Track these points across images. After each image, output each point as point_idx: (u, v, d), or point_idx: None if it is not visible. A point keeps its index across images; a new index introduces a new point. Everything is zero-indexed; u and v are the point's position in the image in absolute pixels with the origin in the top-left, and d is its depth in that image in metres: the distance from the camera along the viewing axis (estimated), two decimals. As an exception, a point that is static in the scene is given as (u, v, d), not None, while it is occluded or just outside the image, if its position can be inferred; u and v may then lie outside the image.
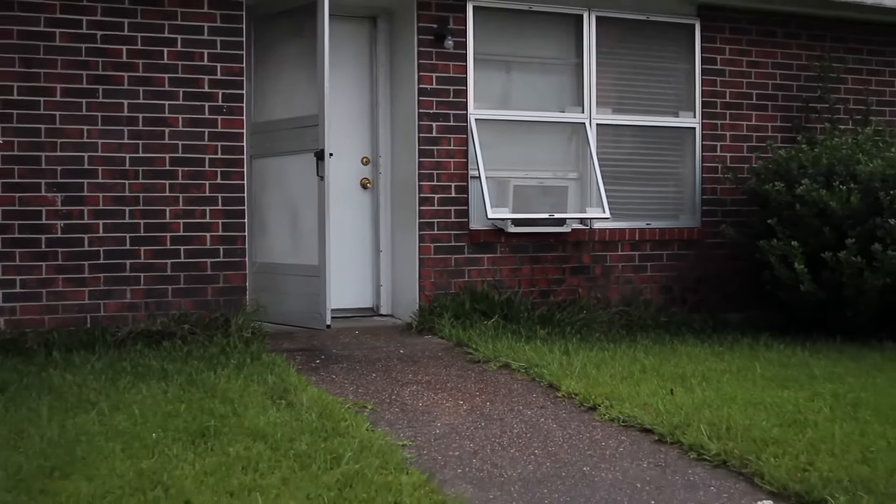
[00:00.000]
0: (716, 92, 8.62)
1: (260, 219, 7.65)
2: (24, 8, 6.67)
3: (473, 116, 7.78)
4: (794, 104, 8.86)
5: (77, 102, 6.78)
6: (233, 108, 7.16)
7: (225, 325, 6.91)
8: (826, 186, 7.42)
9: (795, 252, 7.40)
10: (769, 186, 7.69)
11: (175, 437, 4.35)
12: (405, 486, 3.79)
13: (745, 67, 8.73)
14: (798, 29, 8.90)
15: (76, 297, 6.79)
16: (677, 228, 8.51)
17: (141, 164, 6.92)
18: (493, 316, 7.49)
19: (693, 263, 8.52)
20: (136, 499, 3.58)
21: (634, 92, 8.49)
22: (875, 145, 7.80)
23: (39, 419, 4.61)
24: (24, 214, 6.68)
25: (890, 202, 7.18)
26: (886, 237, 7.17)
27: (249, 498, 3.60)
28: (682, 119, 8.58)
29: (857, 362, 6.64)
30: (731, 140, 8.66)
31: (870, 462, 4.22)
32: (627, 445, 4.65)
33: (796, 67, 8.89)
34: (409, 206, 7.82)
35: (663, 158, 8.63)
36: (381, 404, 5.30)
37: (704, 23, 8.58)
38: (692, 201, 8.62)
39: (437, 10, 7.71)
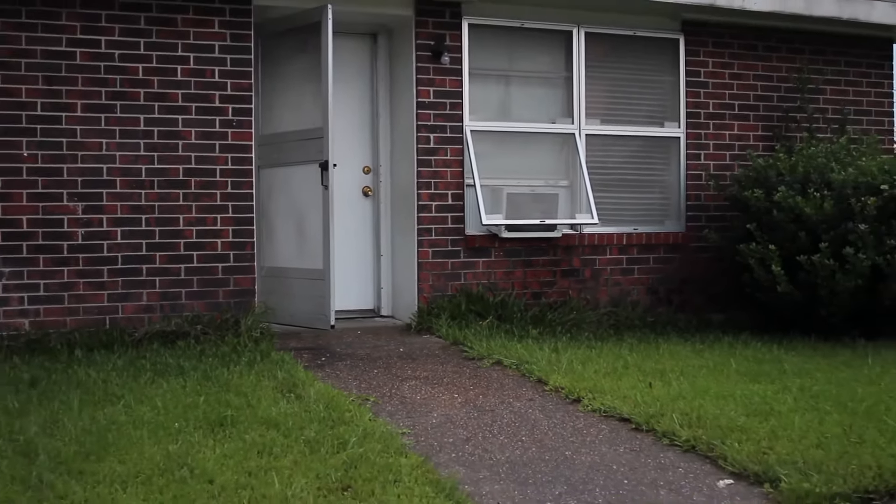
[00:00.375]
0: (699, 103, 9.09)
1: (268, 225, 8.12)
2: (47, 29, 7.14)
3: (469, 128, 8.25)
4: (774, 114, 9.33)
5: (96, 117, 7.25)
6: (242, 121, 7.63)
7: (235, 325, 7.37)
8: (801, 193, 7.89)
9: (773, 255, 7.87)
10: (748, 193, 8.17)
11: (196, 426, 4.82)
12: (404, 467, 4.26)
13: (728, 79, 9.20)
14: (778, 42, 9.37)
15: (96, 299, 7.26)
16: (663, 233, 8.98)
17: (156, 175, 7.39)
18: (488, 317, 7.95)
19: (678, 266, 8.98)
20: (166, 478, 4.04)
21: (622, 103, 8.96)
22: (849, 154, 8.27)
23: (71, 411, 5.08)
24: (46, 222, 7.15)
25: (861, 208, 7.64)
26: (857, 241, 7.63)
27: (266, 477, 4.07)
28: (667, 129, 9.05)
29: (828, 359, 7.10)
30: (714, 149, 9.13)
31: (824, 446, 4.69)
32: (607, 433, 5.12)
33: (777, 79, 9.35)
34: (408, 213, 8.29)
35: (650, 166, 9.10)
36: (383, 397, 5.77)
37: (688, 37, 9.05)
38: (677, 207, 9.09)
39: (434, 28, 8.18)
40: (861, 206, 7.65)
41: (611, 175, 8.90)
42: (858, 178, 7.83)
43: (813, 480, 4.19)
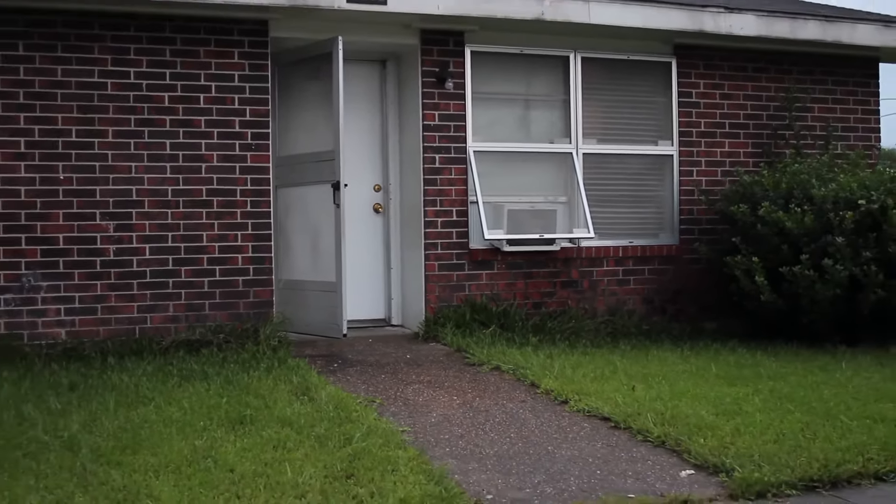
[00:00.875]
0: (691, 122, 9.65)
1: (285, 241, 8.75)
2: (81, 62, 7.80)
3: (472, 149, 8.85)
4: (764, 132, 9.87)
5: (126, 143, 7.90)
6: (260, 145, 8.26)
7: (255, 334, 7.99)
8: (784, 208, 8.43)
9: (756, 267, 8.42)
10: (735, 208, 8.72)
11: (218, 424, 5.44)
12: (401, 459, 4.85)
13: (719, 99, 9.75)
14: (767, 63, 9.92)
15: (126, 310, 7.90)
16: (657, 246, 9.54)
17: (181, 196, 8.03)
18: (491, 325, 8.53)
19: (672, 277, 9.53)
20: (193, 468, 4.65)
21: (617, 123, 9.53)
22: (830, 170, 8.81)
23: (108, 411, 5.71)
24: (81, 240, 7.80)
25: (839, 222, 8.18)
26: (836, 253, 8.17)
27: (279, 467, 4.67)
28: (660, 147, 9.61)
29: (806, 363, 7.64)
30: (706, 165, 9.68)
31: (780, 441, 5.25)
32: (588, 430, 5.70)
33: (766, 98, 9.90)
34: (415, 229, 8.89)
35: (644, 183, 9.67)
36: (388, 399, 6.37)
37: (680, 60, 9.61)
38: (671, 221, 9.64)
39: (439, 55, 8.79)
40: (839, 220, 8.18)
41: (607, 191, 9.47)
42: (838, 193, 8.36)
43: (763, 470, 4.75)
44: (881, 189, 8.33)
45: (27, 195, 7.67)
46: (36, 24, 7.70)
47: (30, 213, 7.68)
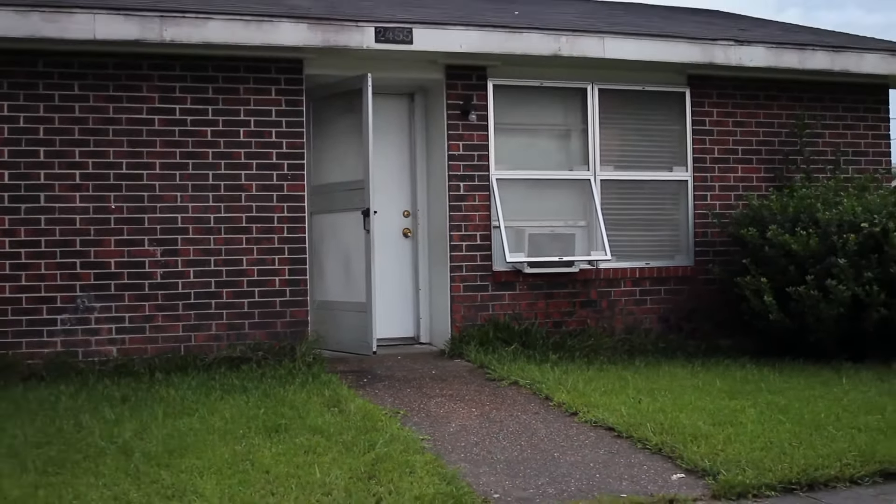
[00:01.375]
0: (705, 149, 10.16)
1: (319, 265, 9.38)
2: (130, 100, 8.50)
3: (494, 176, 9.43)
4: (776, 157, 10.35)
5: (172, 174, 8.58)
6: (296, 175, 8.90)
7: (291, 352, 8.61)
8: (791, 231, 8.91)
9: (765, 287, 8.91)
10: (744, 231, 9.22)
11: (256, 432, 6.05)
12: (419, 463, 5.42)
13: (732, 127, 10.26)
14: (778, 91, 10.41)
15: (172, 329, 8.56)
16: (673, 267, 10.04)
17: (223, 223, 8.69)
18: (513, 343, 9.08)
19: (688, 297, 10.03)
20: (232, 469, 5.26)
21: (633, 151, 10.07)
22: (836, 194, 9.27)
23: (156, 420, 6.34)
24: (131, 264, 8.48)
25: (843, 244, 8.65)
26: (839, 274, 8.63)
27: (309, 469, 5.26)
28: (675, 173, 10.13)
29: (808, 379, 8.11)
30: (719, 190, 10.18)
31: (766, 449, 5.75)
32: (593, 439, 6.24)
33: (777, 125, 10.39)
34: (442, 252, 9.48)
35: (660, 207, 10.19)
36: (411, 411, 6.95)
37: (694, 90, 10.14)
38: (686, 243, 10.15)
39: (462, 89, 9.40)
40: (843, 242, 8.65)
41: (625, 215, 10.00)
42: (842, 216, 8.83)
43: (747, 474, 5.27)
44: (883, 212, 8.78)
45: (82, 223, 8.36)
46: (89, 65, 8.40)
47: (84, 240, 8.37)
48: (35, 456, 5.50)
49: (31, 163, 8.25)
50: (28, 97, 8.25)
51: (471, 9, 10.59)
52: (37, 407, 6.77)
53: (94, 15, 7.99)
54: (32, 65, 8.26)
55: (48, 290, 8.28)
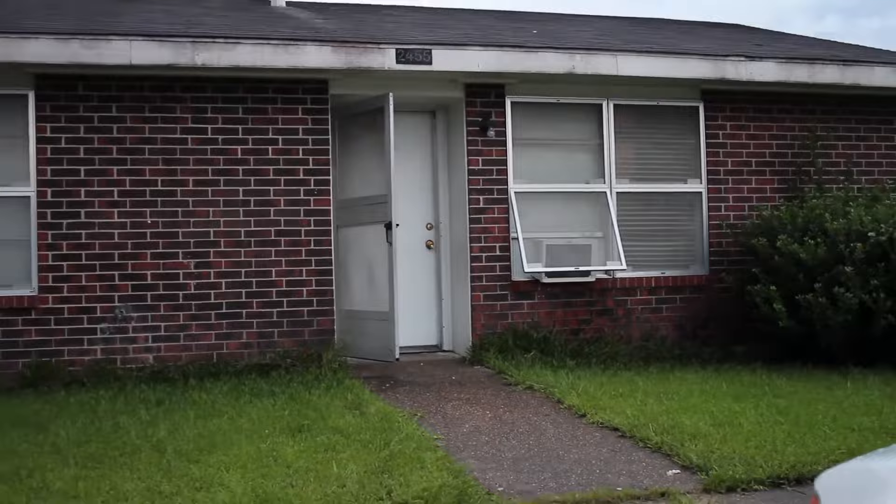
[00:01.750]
0: (719, 161, 10.50)
1: (345, 275, 9.83)
2: (165, 121, 9.02)
3: (513, 190, 9.83)
4: (789, 168, 10.66)
5: (205, 190, 9.07)
6: (322, 190, 9.37)
7: (318, 359, 9.04)
8: (800, 241, 9.22)
9: (774, 295, 9.23)
10: (755, 241, 9.55)
11: (280, 432, 6.49)
12: (430, 459, 5.83)
13: (745, 139, 10.59)
14: (791, 104, 10.72)
15: (205, 338, 9.04)
16: (688, 276, 10.38)
17: (253, 236, 9.17)
18: (532, 350, 9.46)
19: (703, 305, 10.36)
20: (257, 464, 5.71)
21: (648, 164, 10.44)
22: (846, 204, 9.57)
23: (188, 421, 6.81)
24: (166, 276, 8.98)
25: (850, 253, 8.95)
26: (847, 282, 8.93)
27: (328, 464, 5.69)
28: (690, 185, 10.48)
29: (814, 383, 8.42)
30: (733, 201, 10.51)
31: (760, 447, 6.10)
32: (598, 439, 6.61)
33: (790, 137, 10.70)
34: (463, 263, 9.90)
35: (675, 218, 10.54)
36: (428, 413, 7.37)
37: (707, 104, 10.49)
38: (701, 253, 10.49)
39: (482, 106, 9.83)
40: (850, 251, 8.95)
41: (640, 226, 10.36)
42: (850, 226, 9.13)
43: (737, 469, 5.64)
44: (890, 222, 9.07)
45: (120, 237, 8.88)
46: (126, 88, 8.93)
47: (122, 253, 8.88)
48: (76, 453, 5.98)
49: (72, 181, 8.78)
50: (69, 119, 8.79)
51: (491, 29, 11.03)
52: (78, 409, 7.27)
53: (130, 41, 8.52)
54: (73, 88, 8.80)
55: (88, 300, 8.79)
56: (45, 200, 8.73)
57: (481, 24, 11.59)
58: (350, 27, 10.27)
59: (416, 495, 5.15)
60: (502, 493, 5.41)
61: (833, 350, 9.25)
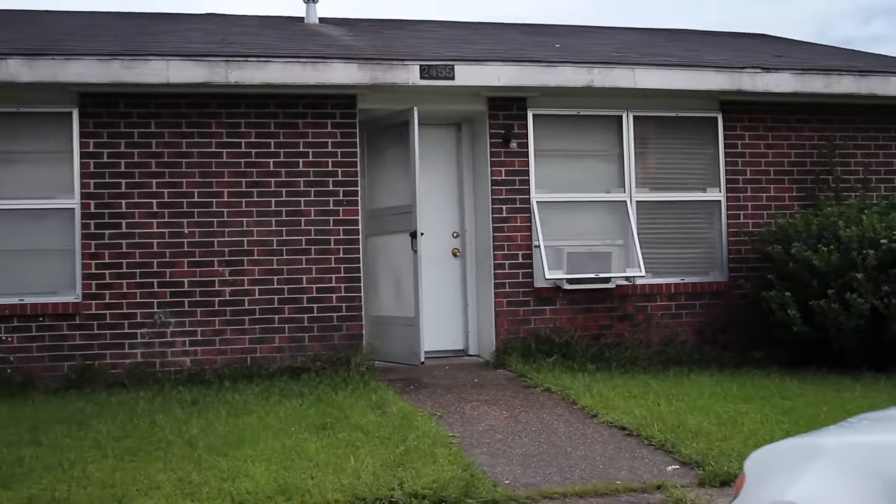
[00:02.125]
0: (737, 170, 10.81)
1: (373, 282, 10.28)
2: (201, 136, 9.53)
3: (535, 199, 10.23)
4: (807, 177, 10.94)
5: (239, 202, 9.57)
6: (350, 200, 9.82)
7: (347, 362, 9.48)
8: (814, 248, 9.51)
9: (788, 301, 9.52)
10: (770, 248, 9.85)
11: (305, 429, 6.94)
12: (442, 454, 6.24)
13: (763, 149, 10.89)
14: (809, 114, 11.00)
15: (239, 342, 9.52)
16: (707, 282, 10.70)
17: (285, 245, 9.64)
18: (553, 355, 9.83)
19: (722, 311, 10.66)
20: (281, 457, 6.15)
21: (668, 173, 10.77)
22: (860, 212, 9.84)
23: (220, 419, 7.28)
24: (202, 283, 9.48)
25: (862, 260, 9.23)
26: (859, 288, 9.21)
27: (347, 458, 6.12)
28: (709, 194, 10.80)
29: (825, 386, 8.71)
30: (752, 209, 10.81)
31: (758, 445, 6.41)
32: (606, 437, 6.98)
33: (808, 146, 10.97)
34: (487, 270, 10.30)
35: (694, 226, 10.86)
36: (447, 413, 7.78)
37: (725, 115, 10.80)
38: (720, 260, 10.80)
39: (504, 119, 10.23)
40: (862, 258, 9.23)
41: (660, 234, 10.70)
42: (864, 233, 9.40)
43: (732, 464, 5.97)
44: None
45: (158, 247, 9.39)
46: (164, 105, 9.46)
47: (161, 262, 9.40)
48: (114, 447, 6.48)
49: (113, 193, 9.32)
50: (111, 135, 9.33)
51: (514, 43, 11.44)
52: (118, 408, 7.78)
53: (167, 61, 9.05)
54: (114, 105, 9.34)
55: (129, 307, 9.32)
56: (89, 212, 9.27)
57: (506, 38, 12.00)
58: (378, 44, 10.73)
59: (426, 486, 5.56)
60: (508, 486, 5.80)
61: (847, 355, 9.52)
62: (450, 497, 5.49)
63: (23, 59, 8.87)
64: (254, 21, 12.57)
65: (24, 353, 9.09)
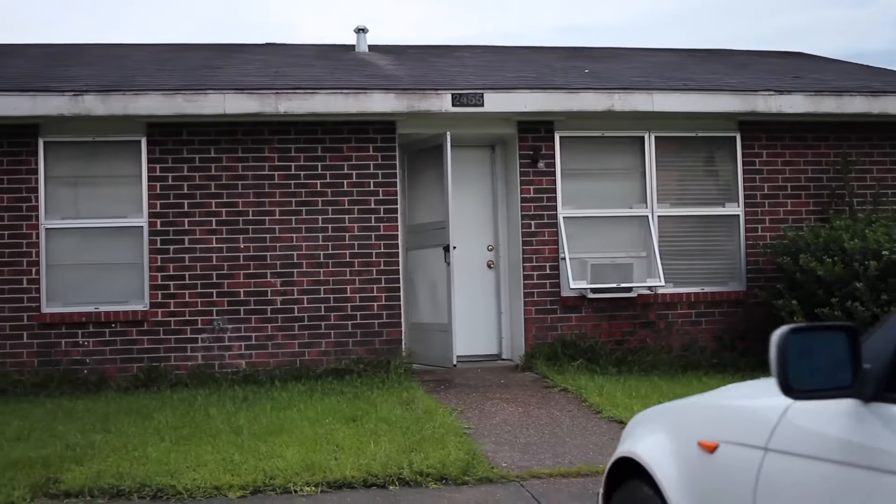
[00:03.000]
0: (755, 186, 11.59)
1: (413, 292, 11.30)
2: (255, 160, 10.67)
3: (561, 215, 11.15)
4: (823, 192, 11.67)
5: (288, 219, 10.68)
6: (390, 217, 10.87)
7: (387, 365, 10.52)
8: (819, 260, 10.27)
9: (796, 308, 10.30)
10: (780, 259, 10.63)
11: (337, 420, 7.99)
12: (453, 442, 7.23)
13: (780, 166, 11.65)
14: (825, 132, 11.74)
15: (289, 346, 10.62)
16: (726, 292, 11.49)
17: (330, 258, 10.72)
18: (578, 359, 10.74)
19: (740, 318, 11.45)
20: (314, 442, 7.20)
21: (688, 189, 11.60)
22: (868, 225, 10.56)
23: (265, 412, 8.37)
24: (256, 293, 10.61)
25: (864, 270, 9.97)
26: (861, 297, 9.95)
27: (368, 444, 7.14)
28: (727, 208, 11.60)
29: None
30: (769, 223, 11.58)
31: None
32: (604, 429, 7.89)
33: (825, 163, 11.71)
34: (517, 280, 11.25)
35: (714, 238, 11.67)
36: (468, 408, 8.76)
37: (744, 133, 11.61)
38: (739, 271, 11.58)
39: (533, 141, 11.19)
40: (864, 268, 9.97)
41: (681, 246, 11.53)
42: (868, 245, 10.13)
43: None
44: (903, 241, 10.04)
45: (217, 260, 10.55)
46: (222, 133, 10.63)
47: (219, 274, 10.55)
48: (171, 434, 7.60)
49: (177, 212, 10.51)
50: (175, 160, 10.53)
51: (546, 69, 12.39)
52: (178, 403, 8.93)
53: (223, 95, 10.21)
54: (178, 134, 10.54)
55: (191, 314, 10.48)
56: (155, 229, 10.47)
57: (540, 62, 12.95)
58: (417, 73, 11.77)
59: (430, 466, 6.56)
60: (504, 468, 6.77)
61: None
62: (450, 475, 6.49)
63: (97, 94, 10.12)
64: (310, 51, 13.73)
65: (99, 356, 10.31)
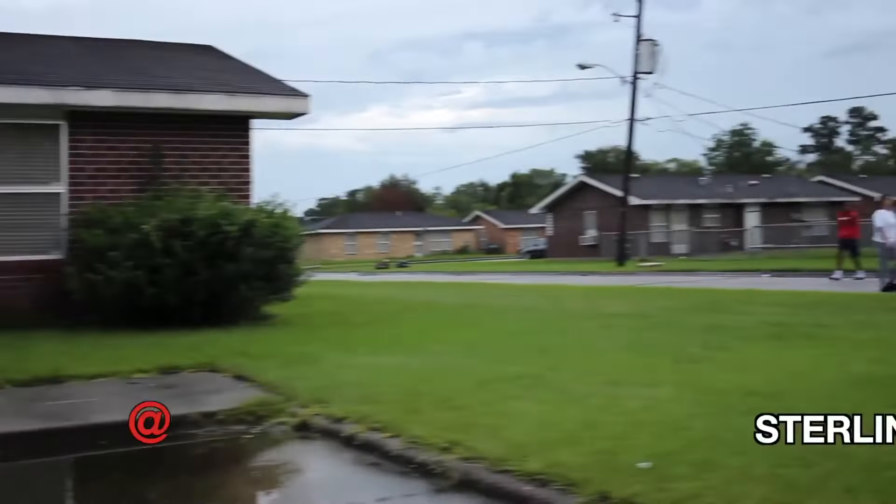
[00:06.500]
0: (80, 168, 13.91)
1: None
2: None
3: None
4: (144, 174, 14.04)
5: None
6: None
7: None
8: (91, 231, 12.53)
9: (73, 273, 12.55)
10: (77, 231, 12.82)
11: None
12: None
13: (105, 150, 14.22)
14: (146, 123, 14.20)
15: None
16: (48, 259, 13.71)
17: None
18: None
19: (61, 283, 13.58)
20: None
21: (12, 170, 13.63)
22: (152, 203, 12.95)
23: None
24: None
25: (123, 241, 12.34)
26: (120, 263, 12.31)
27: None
28: (52, 187, 14.02)
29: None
30: (92, 199, 13.78)
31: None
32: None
33: (145, 148, 14.08)
34: None
35: (39, 213, 13.93)
36: None
37: (73, 122, 14.10)
38: (63, 241, 13.71)
39: None
40: (124, 240, 12.34)
41: (4, 220, 13.52)
42: (129, 220, 12.50)
43: None
44: (160, 215, 12.50)
45: None
46: None
47: None
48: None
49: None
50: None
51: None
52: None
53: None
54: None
55: None
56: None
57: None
58: None
59: None
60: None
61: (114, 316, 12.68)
62: None
63: None
64: None
65: None
